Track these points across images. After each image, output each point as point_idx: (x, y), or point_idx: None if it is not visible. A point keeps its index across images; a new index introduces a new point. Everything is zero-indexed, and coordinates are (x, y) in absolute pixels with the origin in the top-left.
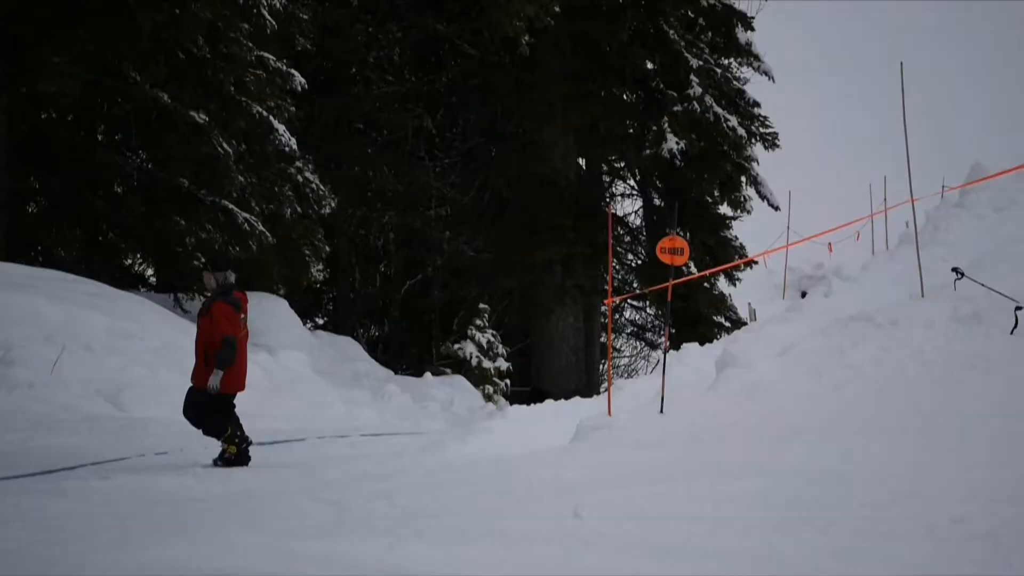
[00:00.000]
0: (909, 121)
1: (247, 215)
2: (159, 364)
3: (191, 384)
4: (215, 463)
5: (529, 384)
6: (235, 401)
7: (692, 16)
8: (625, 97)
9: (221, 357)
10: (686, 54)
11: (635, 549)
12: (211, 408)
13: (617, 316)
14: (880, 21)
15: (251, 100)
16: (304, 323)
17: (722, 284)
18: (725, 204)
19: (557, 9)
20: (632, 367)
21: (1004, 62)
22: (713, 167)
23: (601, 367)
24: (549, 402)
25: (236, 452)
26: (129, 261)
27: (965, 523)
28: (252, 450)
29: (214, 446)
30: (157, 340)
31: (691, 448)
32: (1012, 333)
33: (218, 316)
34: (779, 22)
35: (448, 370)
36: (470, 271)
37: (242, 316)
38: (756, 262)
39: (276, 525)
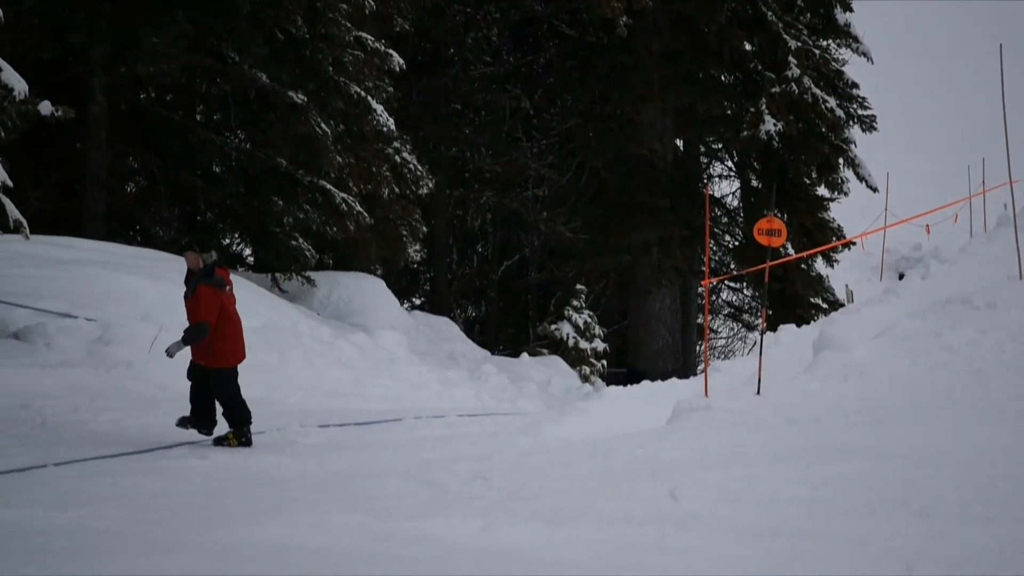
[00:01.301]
0: (1008, 103)
1: (345, 195)
2: (256, 344)
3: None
4: (216, 442)
5: (626, 365)
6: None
7: None
8: (723, 78)
9: (188, 333)
10: (784, 35)
11: (731, 531)
12: (217, 384)
13: (714, 297)
14: (980, 3)
15: (349, 80)
16: (401, 303)
17: (819, 265)
18: (822, 186)
19: None
20: (729, 348)
21: None
22: (811, 148)
23: (698, 348)
24: (646, 383)
25: (236, 444)
26: (227, 241)
27: None
28: (349, 430)
29: (313, 425)
30: (254, 320)
31: (788, 430)
32: None
33: (200, 299)
34: (878, 2)
35: (545, 351)
36: (567, 252)
37: (227, 288)
38: (854, 243)
39: (373, 505)
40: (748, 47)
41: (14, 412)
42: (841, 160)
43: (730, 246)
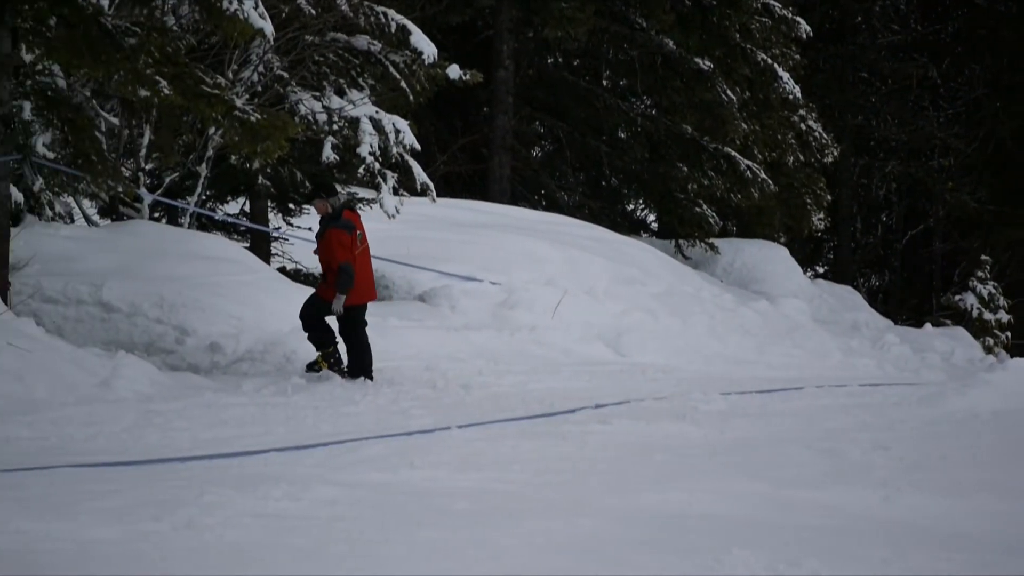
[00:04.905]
0: None
1: (749, 163)
2: (660, 309)
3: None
4: (307, 367)
5: None
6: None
7: None
8: None
9: (339, 283)
10: None
11: None
12: (342, 321)
13: None
14: None
15: (756, 47)
16: (804, 272)
17: None
18: None
19: None
20: None
21: None
22: None
23: None
24: None
25: (326, 367)
26: (631, 206)
27: None
28: (751, 398)
29: (715, 391)
30: (658, 286)
31: None
32: None
33: (332, 243)
34: None
35: (948, 321)
36: (972, 222)
37: (358, 233)
38: None
39: (773, 473)
40: None
41: (419, 374)
42: None
43: None
